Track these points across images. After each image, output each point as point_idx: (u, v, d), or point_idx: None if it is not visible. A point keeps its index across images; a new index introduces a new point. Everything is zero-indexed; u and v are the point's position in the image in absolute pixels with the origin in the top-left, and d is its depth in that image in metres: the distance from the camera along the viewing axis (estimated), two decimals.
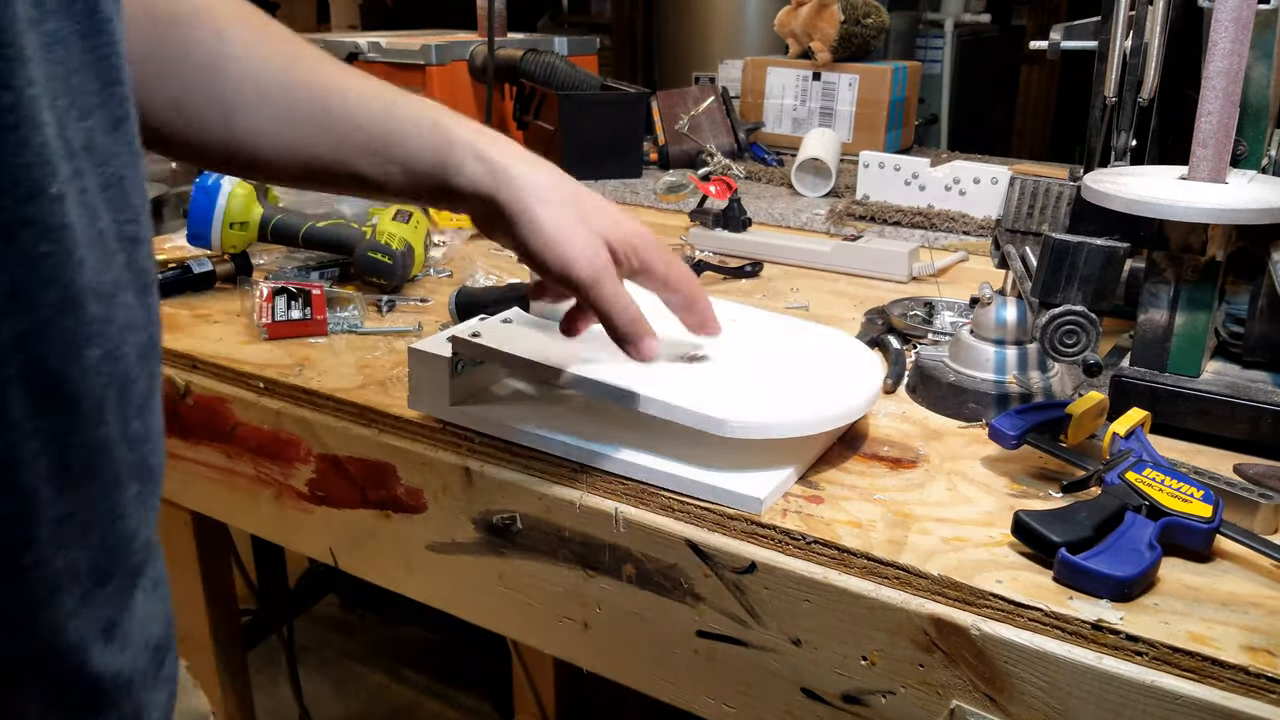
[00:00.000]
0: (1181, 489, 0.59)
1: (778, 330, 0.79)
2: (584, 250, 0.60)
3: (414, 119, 0.61)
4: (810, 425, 0.66)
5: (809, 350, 0.76)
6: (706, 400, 0.64)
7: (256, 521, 0.89)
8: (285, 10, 3.49)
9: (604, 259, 0.61)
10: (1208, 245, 0.70)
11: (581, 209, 0.61)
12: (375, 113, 0.60)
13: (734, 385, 0.68)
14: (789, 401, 0.67)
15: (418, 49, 1.80)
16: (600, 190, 1.51)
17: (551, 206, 0.60)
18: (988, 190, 1.31)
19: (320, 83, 0.60)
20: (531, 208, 0.60)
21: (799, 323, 0.82)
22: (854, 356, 0.75)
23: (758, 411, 0.64)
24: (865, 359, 0.75)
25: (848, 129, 1.74)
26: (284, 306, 0.92)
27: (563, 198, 0.61)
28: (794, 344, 0.77)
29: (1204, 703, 0.50)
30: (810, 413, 0.66)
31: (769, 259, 1.18)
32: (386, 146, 0.60)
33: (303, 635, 2.09)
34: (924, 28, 2.89)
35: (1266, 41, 0.74)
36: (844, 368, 0.73)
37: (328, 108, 0.60)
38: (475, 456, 0.73)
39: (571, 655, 0.73)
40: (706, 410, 0.63)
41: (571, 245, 0.60)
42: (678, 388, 0.66)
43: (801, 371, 0.73)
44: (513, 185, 0.60)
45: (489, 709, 1.92)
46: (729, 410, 0.63)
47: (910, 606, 0.57)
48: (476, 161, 0.60)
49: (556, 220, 0.60)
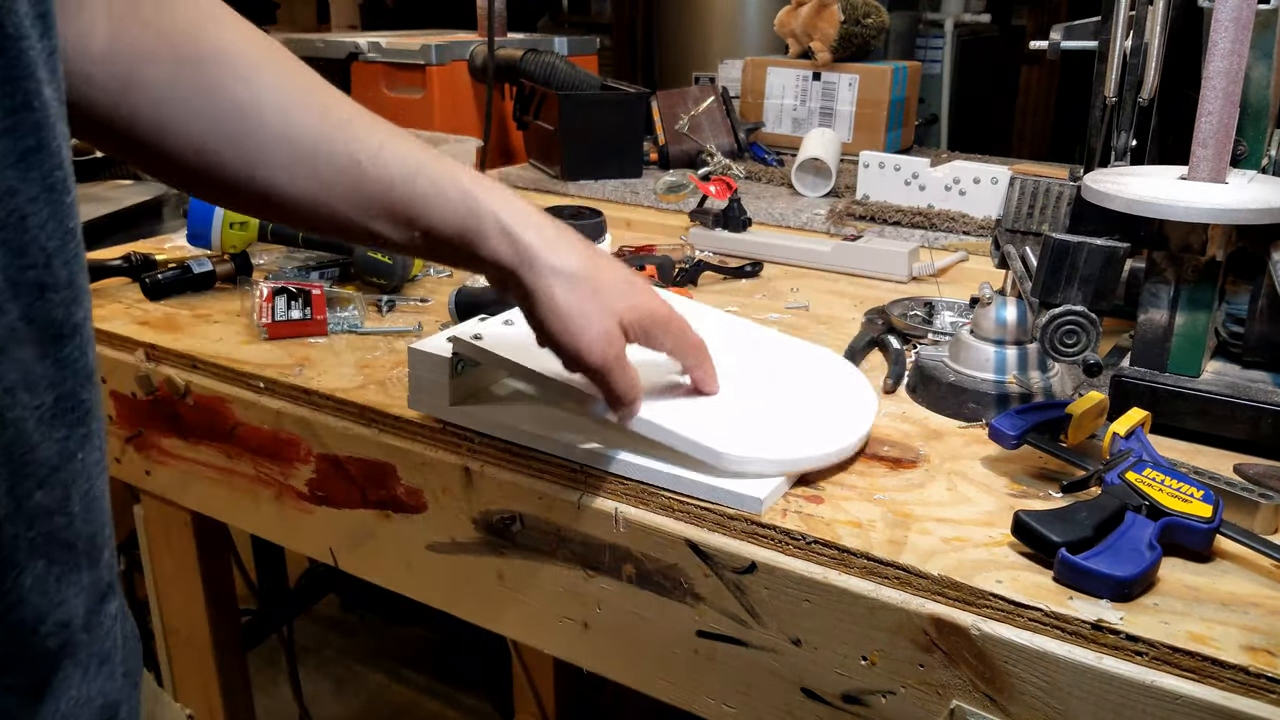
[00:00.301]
0: (1181, 489, 0.59)
1: (771, 350, 0.80)
2: (597, 339, 0.60)
3: (441, 184, 0.59)
4: (805, 462, 0.67)
5: (803, 374, 0.77)
6: (704, 429, 0.65)
7: (256, 521, 0.89)
8: (285, 10, 3.48)
9: (616, 348, 0.61)
10: (1208, 245, 0.70)
11: (599, 288, 0.61)
12: (404, 173, 0.58)
13: (731, 411, 0.68)
14: (785, 435, 0.68)
15: (418, 49, 1.80)
16: (600, 190, 1.51)
17: (570, 290, 0.59)
18: (988, 190, 1.31)
19: (353, 139, 0.57)
20: (550, 289, 0.59)
21: (790, 340, 0.83)
22: (846, 378, 0.77)
23: (754, 445, 0.65)
24: (857, 384, 0.76)
25: (848, 129, 1.74)
26: (284, 306, 0.92)
27: (583, 280, 0.60)
28: (788, 367, 0.78)
29: (1204, 703, 0.50)
30: (806, 450, 0.67)
31: (769, 259, 1.18)
32: (412, 210, 0.58)
33: (303, 635, 2.10)
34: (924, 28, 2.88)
35: (1266, 41, 0.74)
36: (838, 392, 0.74)
37: (358, 167, 0.57)
38: (475, 456, 0.73)
39: (571, 655, 0.73)
40: (704, 441, 0.64)
41: (585, 333, 0.60)
42: (676, 412, 0.66)
43: (797, 399, 0.73)
44: (535, 265, 0.59)
45: (489, 709, 1.92)
46: (726, 442, 0.64)
47: (910, 606, 0.57)
48: (501, 235, 0.59)
49: (574, 306, 0.59)
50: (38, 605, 0.37)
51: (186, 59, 0.53)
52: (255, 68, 0.55)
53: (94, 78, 0.50)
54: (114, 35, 0.51)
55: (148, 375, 0.90)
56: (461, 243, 0.59)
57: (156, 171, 0.56)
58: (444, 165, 0.60)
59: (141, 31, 0.51)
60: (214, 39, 0.54)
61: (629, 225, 1.38)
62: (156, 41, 0.52)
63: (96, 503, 0.40)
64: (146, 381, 0.90)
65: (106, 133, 0.52)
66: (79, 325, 0.38)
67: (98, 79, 0.50)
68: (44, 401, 0.36)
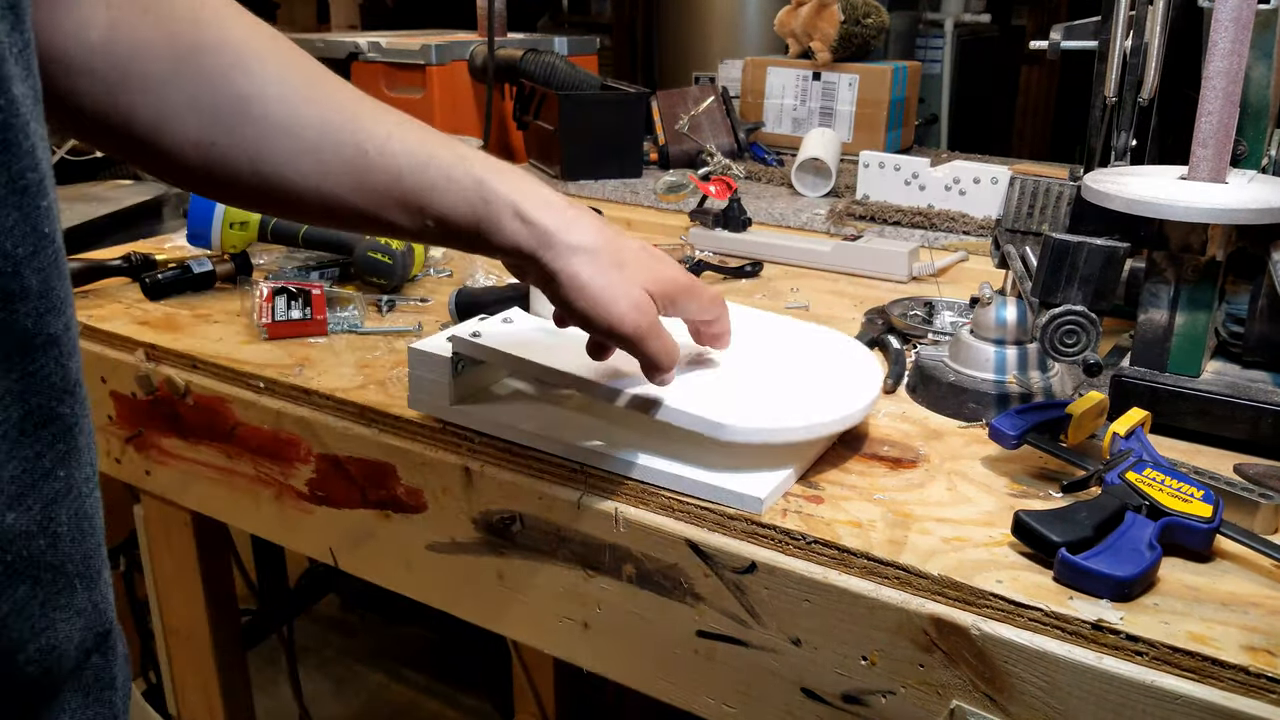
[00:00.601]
0: (1181, 489, 0.59)
1: (777, 331, 0.79)
2: (629, 310, 0.59)
3: (452, 172, 0.57)
4: (809, 430, 0.66)
5: (808, 352, 0.76)
6: (706, 404, 0.64)
7: (256, 521, 0.89)
8: (285, 10, 3.48)
9: (649, 316, 0.60)
10: (1208, 245, 0.70)
11: (622, 261, 0.60)
12: (414, 163, 0.57)
13: (734, 388, 0.68)
14: (788, 406, 0.67)
15: (418, 49, 1.80)
16: (600, 190, 1.51)
17: (593, 266, 0.59)
18: (988, 190, 1.31)
19: (359, 129, 0.56)
20: (574, 268, 0.58)
21: (797, 323, 0.82)
22: (853, 358, 0.75)
23: (757, 416, 0.64)
24: (864, 360, 0.75)
25: (848, 129, 1.74)
26: (284, 306, 0.92)
27: (604, 254, 0.59)
28: (793, 345, 0.77)
29: (1204, 703, 0.50)
30: (809, 418, 0.66)
31: (769, 259, 1.18)
32: (422, 199, 0.57)
33: (303, 635, 2.10)
34: (924, 28, 2.88)
35: (1266, 41, 0.74)
36: (843, 370, 0.73)
37: (365, 158, 0.56)
38: (475, 456, 0.73)
39: (571, 655, 0.73)
40: (706, 414, 0.63)
41: (616, 304, 0.59)
42: (678, 391, 0.66)
43: (801, 374, 0.72)
44: (554, 247, 0.58)
45: (489, 709, 1.92)
46: (728, 414, 0.64)
47: (910, 606, 0.57)
48: (516, 219, 0.58)
49: (599, 281, 0.58)
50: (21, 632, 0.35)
51: (187, 49, 0.52)
52: (258, 58, 0.54)
53: (94, 70, 0.49)
54: (113, 25, 0.50)
55: (148, 375, 0.90)
56: (476, 230, 0.58)
57: (156, 168, 0.55)
58: (455, 152, 0.58)
59: (140, 20, 0.50)
60: (215, 29, 0.53)
61: (629, 225, 1.38)
62: (156, 31, 0.51)
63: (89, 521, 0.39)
64: (146, 381, 0.90)
65: (104, 128, 0.51)
66: (56, 337, 0.36)
67: (98, 70, 0.49)
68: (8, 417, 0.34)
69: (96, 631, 0.40)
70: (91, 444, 0.39)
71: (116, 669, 0.42)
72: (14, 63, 0.34)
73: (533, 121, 1.68)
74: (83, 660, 0.39)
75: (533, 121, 1.68)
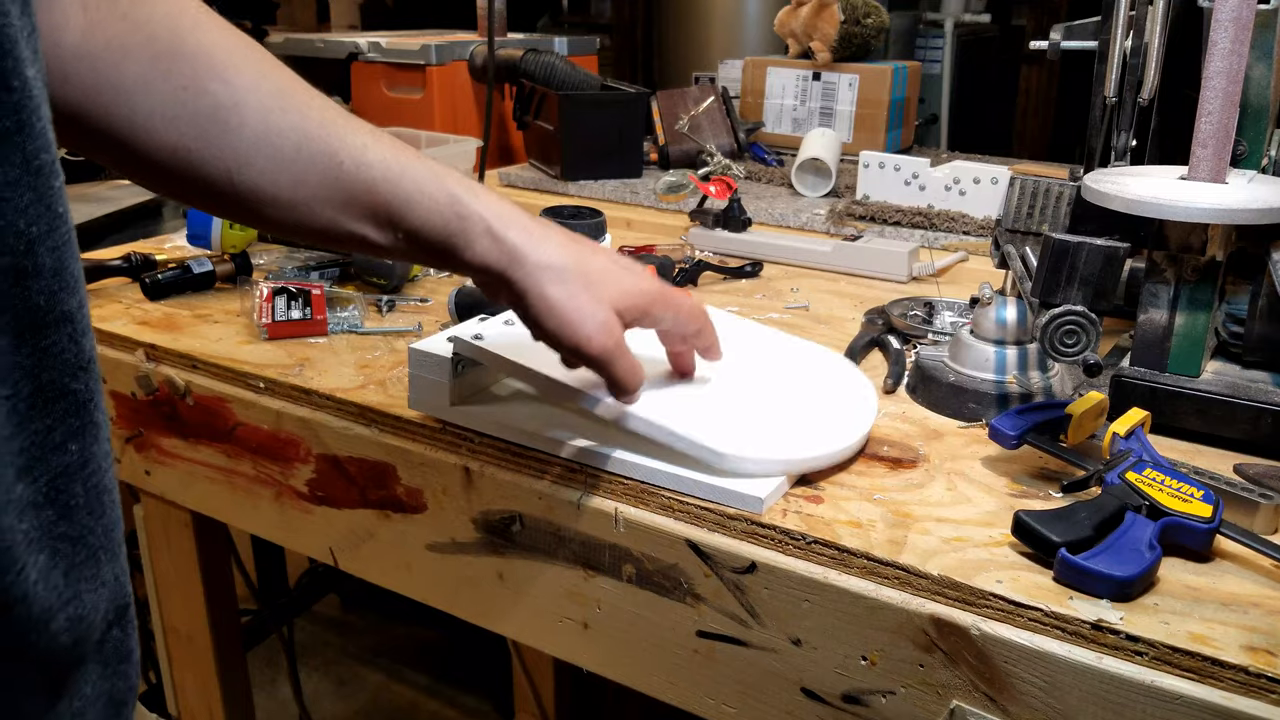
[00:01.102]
0: (1181, 489, 0.59)
1: (772, 348, 0.80)
2: (596, 331, 0.59)
3: (426, 186, 0.58)
4: (806, 464, 0.67)
5: (804, 374, 0.77)
6: (705, 429, 0.65)
7: (256, 521, 0.89)
8: (285, 10, 3.48)
9: (615, 336, 0.60)
10: (1208, 245, 0.70)
11: (589, 282, 0.60)
12: (388, 175, 0.57)
13: (731, 411, 0.68)
14: (786, 434, 0.68)
15: (418, 49, 1.81)
16: (600, 190, 1.51)
17: (562, 285, 0.59)
18: (988, 190, 1.31)
19: (334, 140, 0.56)
20: (543, 287, 0.59)
21: (785, 336, 0.82)
22: (847, 381, 0.76)
23: (755, 445, 0.65)
24: (858, 384, 0.76)
25: (848, 129, 1.74)
26: (284, 306, 0.92)
27: (573, 273, 0.60)
28: (785, 361, 0.78)
29: (1204, 703, 0.50)
30: (807, 450, 0.67)
31: (769, 259, 1.18)
32: (395, 212, 0.58)
33: (303, 635, 2.10)
34: (924, 28, 2.89)
35: (1266, 41, 0.74)
36: (839, 390, 0.74)
37: (340, 169, 0.56)
38: (475, 456, 0.73)
39: (571, 655, 0.73)
40: (705, 441, 0.64)
41: (584, 326, 0.59)
42: (676, 411, 0.66)
43: (798, 398, 0.73)
44: (524, 265, 0.59)
45: (489, 709, 1.92)
46: (727, 442, 0.64)
47: (910, 606, 0.57)
48: (487, 237, 0.58)
49: (568, 301, 0.59)
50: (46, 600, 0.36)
51: (164, 55, 0.52)
52: (235, 68, 0.54)
53: (67, 74, 0.49)
54: (89, 28, 0.49)
55: (148, 375, 0.90)
56: (447, 246, 0.59)
57: (134, 173, 0.55)
58: (429, 168, 0.59)
59: (118, 25, 0.50)
60: (193, 36, 0.53)
61: (629, 225, 1.38)
62: (133, 36, 0.51)
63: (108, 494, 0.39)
64: (146, 381, 0.90)
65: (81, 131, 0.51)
66: (70, 314, 0.36)
67: (71, 75, 0.49)
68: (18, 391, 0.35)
69: (118, 604, 0.41)
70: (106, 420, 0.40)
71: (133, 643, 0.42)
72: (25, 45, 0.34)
73: (533, 121, 1.68)
74: (105, 632, 0.40)
75: (533, 121, 1.68)
